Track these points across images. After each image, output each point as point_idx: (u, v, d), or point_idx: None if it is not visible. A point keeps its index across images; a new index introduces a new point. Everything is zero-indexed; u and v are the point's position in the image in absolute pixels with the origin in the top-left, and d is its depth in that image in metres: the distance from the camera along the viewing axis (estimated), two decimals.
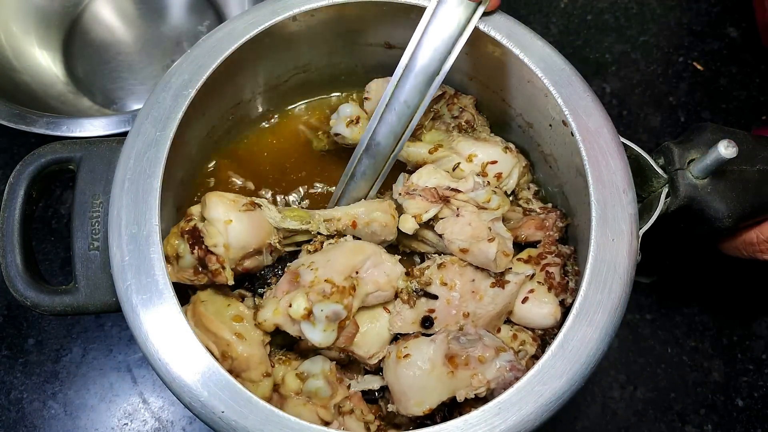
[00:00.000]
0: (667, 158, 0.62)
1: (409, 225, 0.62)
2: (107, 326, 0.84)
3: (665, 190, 0.61)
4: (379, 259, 0.60)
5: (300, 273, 0.59)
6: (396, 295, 0.61)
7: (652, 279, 0.86)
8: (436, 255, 0.65)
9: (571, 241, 0.72)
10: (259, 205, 0.61)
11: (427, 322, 0.60)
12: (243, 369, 0.56)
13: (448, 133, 0.71)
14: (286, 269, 0.61)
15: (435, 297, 0.61)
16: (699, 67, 0.99)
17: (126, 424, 0.80)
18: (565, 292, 0.68)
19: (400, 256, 0.63)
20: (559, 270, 0.69)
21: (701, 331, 0.84)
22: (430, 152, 0.67)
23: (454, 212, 0.62)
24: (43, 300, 0.56)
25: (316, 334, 0.56)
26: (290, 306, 0.55)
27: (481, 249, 0.60)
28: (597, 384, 0.82)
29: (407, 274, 0.62)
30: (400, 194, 0.64)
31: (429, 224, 0.63)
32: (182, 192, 0.69)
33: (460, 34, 0.58)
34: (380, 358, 0.60)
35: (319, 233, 0.63)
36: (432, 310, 0.61)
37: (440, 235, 0.63)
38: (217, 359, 0.52)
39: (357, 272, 0.59)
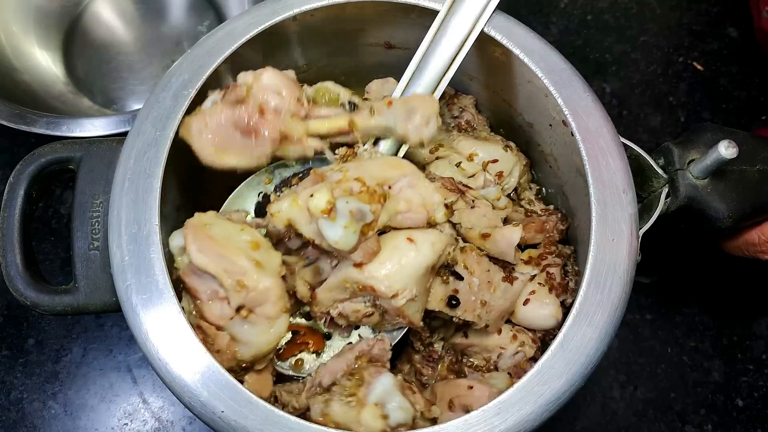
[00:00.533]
0: (667, 158, 0.62)
1: None
2: (107, 326, 0.84)
3: (665, 191, 0.61)
4: (417, 181, 0.55)
5: (327, 175, 0.54)
6: (429, 224, 0.55)
7: (652, 279, 0.86)
8: (459, 238, 0.64)
9: (571, 241, 0.72)
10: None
11: (453, 301, 0.60)
12: (259, 303, 0.51)
13: (448, 132, 0.71)
14: (312, 171, 0.56)
15: (461, 277, 0.60)
16: (699, 67, 0.99)
17: (126, 424, 0.80)
18: (566, 292, 0.68)
19: None
20: (560, 270, 0.69)
21: (701, 331, 0.84)
22: (431, 152, 0.67)
23: (469, 204, 0.62)
24: (43, 300, 0.56)
25: (336, 231, 0.49)
26: (311, 197, 0.49)
27: (504, 234, 0.60)
28: (597, 384, 0.82)
29: None
30: None
31: None
32: (182, 192, 0.69)
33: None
34: (406, 298, 0.52)
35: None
36: (456, 291, 0.60)
37: (454, 225, 0.62)
38: (224, 291, 0.49)
39: (390, 187, 0.53)
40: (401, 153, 0.62)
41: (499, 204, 0.66)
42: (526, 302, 0.67)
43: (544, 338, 0.68)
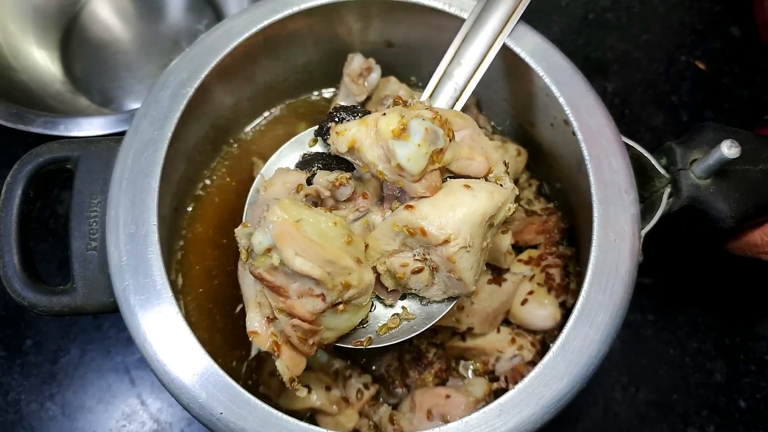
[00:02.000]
0: (669, 158, 0.62)
1: None
2: (105, 327, 0.84)
3: (667, 190, 0.61)
4: (478, 136, 0.53)
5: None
6: (486, 178, 0.52)
7: (654, 280, 0.86)
8: None
9: (573, 241, 0.72)
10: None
11: None
12: (356, 296, 0.49)
13: None
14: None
15: None
16: (701, 66, 0.98)
17: (124, 425, 0.80)
18: (566, 293, 0.68)
19: None
20: (560, 271, 0.69)
21: (703, 332, 0.84)
22: None
23: None
24: (41, 300, 0.56)
25: (409, 148, 0.46)
26: (383, 115, 0.47)
27: (492, 241, 0.59)
28: (599, 385, 0.81)
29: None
30: None
31: None
32: (180, 191, 0.68)
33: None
34: (459, 245, 0.48)
35: None
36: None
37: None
38: (319, 290, 0.47)
39: (453, 132, 0.51)
40: None
41: None
42: (523, 302, 0.66)
43: (544, 341, 0.68)
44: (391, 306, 0.55)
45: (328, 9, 0.63)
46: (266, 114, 0.77)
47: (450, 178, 0.51)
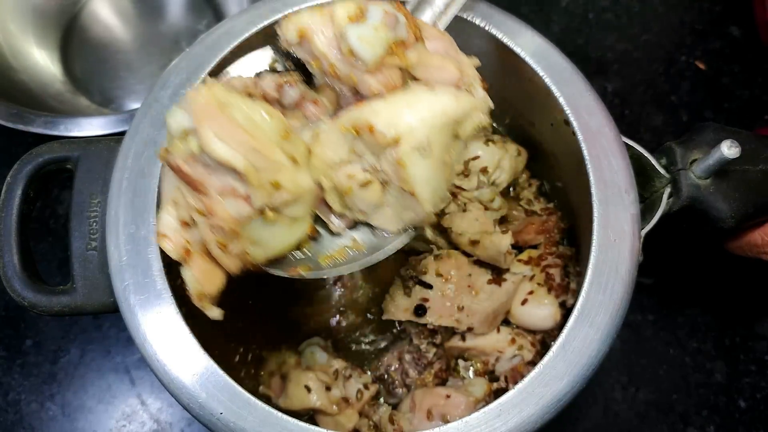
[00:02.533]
0: (669, 158, 0.62)
1: None
2: (105, 327, 0.84)
3: (667, 190, 0.61)
4: (455, 53, 0.47)
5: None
6: (457, 85, 0.46)
7: (654, 280, 0.86)
8: (433, 247, 0.64)
9: (573, 241, 0.72)
10: None
11: (420, 310, 0.60)
12: (287, 203, 0.43)
13: None
14: None
15: (429, 286, 0.60)
16: (701, 66, 0.98)
17: (124, 425, 0.80)
18: (566, 293, 0.68)
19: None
20: (560, 271, 0.69)
21: (703, 332, 0.84)
22: None
23: (461, 207, 0.62)
24: (41, 300, 0.56)
25: (363, 30, 0.41)
26: (340, 3, 0.43)
27: (493, 241, 0.59)
28: (599, 385, 0.81)
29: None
30: None
31: None
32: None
33: None
34: (411, 145, 0.42)
35: None
36: (426, 299, 0.60)
37: (446, 229, 0.62)
38: (245, 189, 0.41)
39: (423, 37, 0.45)
40: None
41: (493, 205, 0.66)
42: (523, 302, 0.66)
43: (544, 341, 0.68)
44: (339, 235, 0.50)
45: None
46: None
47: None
